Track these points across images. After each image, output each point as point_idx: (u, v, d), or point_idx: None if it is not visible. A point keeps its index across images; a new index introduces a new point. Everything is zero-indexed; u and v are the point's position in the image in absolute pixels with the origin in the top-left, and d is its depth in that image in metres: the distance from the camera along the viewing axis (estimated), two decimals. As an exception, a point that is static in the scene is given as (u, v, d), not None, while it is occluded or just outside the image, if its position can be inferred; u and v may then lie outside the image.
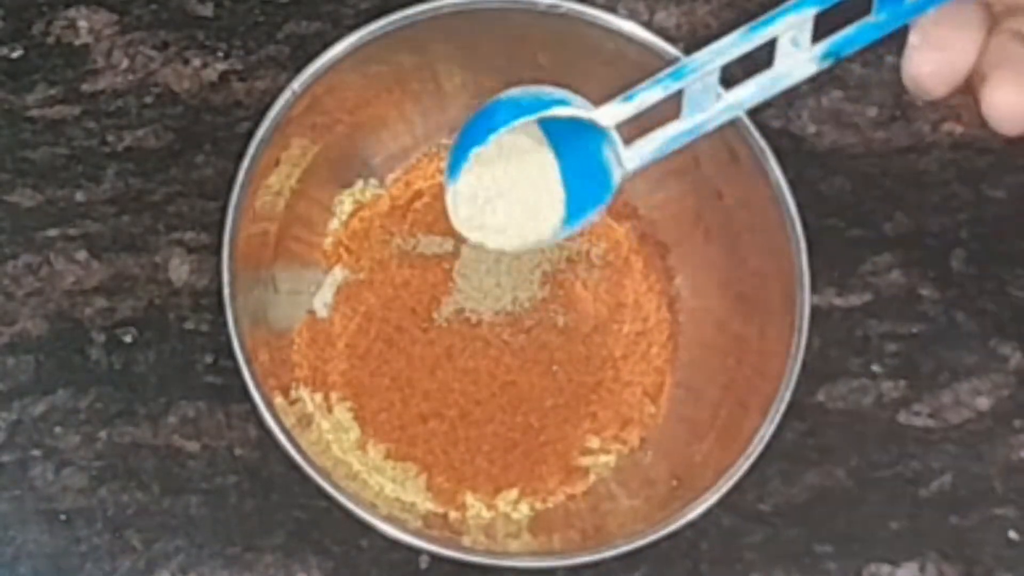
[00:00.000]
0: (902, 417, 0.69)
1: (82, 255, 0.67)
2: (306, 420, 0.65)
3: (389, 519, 0.60)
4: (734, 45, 0.52)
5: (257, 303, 0.64)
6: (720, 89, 0.53)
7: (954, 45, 0.51)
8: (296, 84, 0.61)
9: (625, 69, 0.64)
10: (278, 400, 0.63)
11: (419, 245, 0.67)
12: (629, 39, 0.63)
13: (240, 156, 0.60)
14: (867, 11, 0.52)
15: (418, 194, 0.68)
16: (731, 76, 0.70)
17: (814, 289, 0.61)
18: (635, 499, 0.65)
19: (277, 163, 0.63)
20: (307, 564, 0.65)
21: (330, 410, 0.66)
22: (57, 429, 0.66)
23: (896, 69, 0.70)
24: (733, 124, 0.62)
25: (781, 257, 0.62)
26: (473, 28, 0.64)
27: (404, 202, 0.68)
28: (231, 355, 0.59)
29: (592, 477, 0.66)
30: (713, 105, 0.53)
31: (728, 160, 0.64)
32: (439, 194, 0.67)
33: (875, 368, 0.69)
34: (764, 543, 0.67)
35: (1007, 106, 0.50)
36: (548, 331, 0.67)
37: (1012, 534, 0.68)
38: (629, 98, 0.53)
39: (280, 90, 0.61)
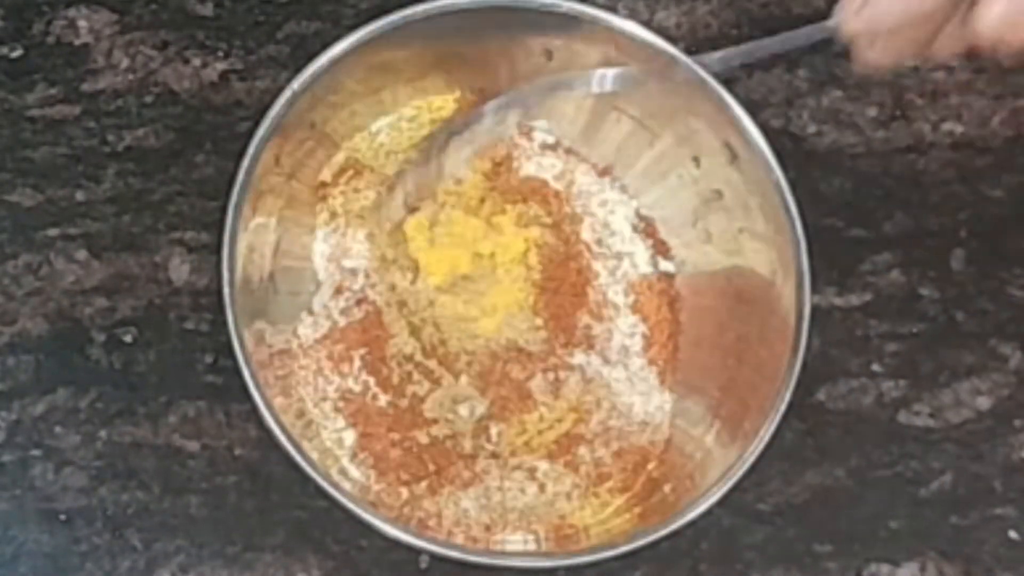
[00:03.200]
0: (902, 417, 0.69)
1: (82, 255, 0.67)
2: (306, 420, 0.65)
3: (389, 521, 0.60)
4: None
5: (257, 303, 0.64)
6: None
7: None
8: (296, 83, 0.61)
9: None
10: (278, 400, 0.63)
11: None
12: (629, 38, 0.63)
13: (240, 156, 0.60)
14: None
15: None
16: (732, 77, 0.70)
17: (814, 289, 0.61)
18: (635, 498, 0.66)
19: (277, 163, 0.63)
20: (307, 563, 0.65)
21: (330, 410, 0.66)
22: (57, 429, 0.66)
23: (895, 69, 0.71)
24: (733, 124, 0.62)
25: (781, 257, 0.62)
26: (473, 28, 0.64)
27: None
28: (231, 355, 0.59)
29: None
30: None
31: (728, 160, 0.64)
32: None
33: (875, 368, 0.69)
34: (764, 543, 0.67)
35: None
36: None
37: (1012, 534, 0.68)
38: None
39: (280, 90, 0.61)
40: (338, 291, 0.67)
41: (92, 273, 0.67)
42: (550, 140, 0.69)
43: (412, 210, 0.65)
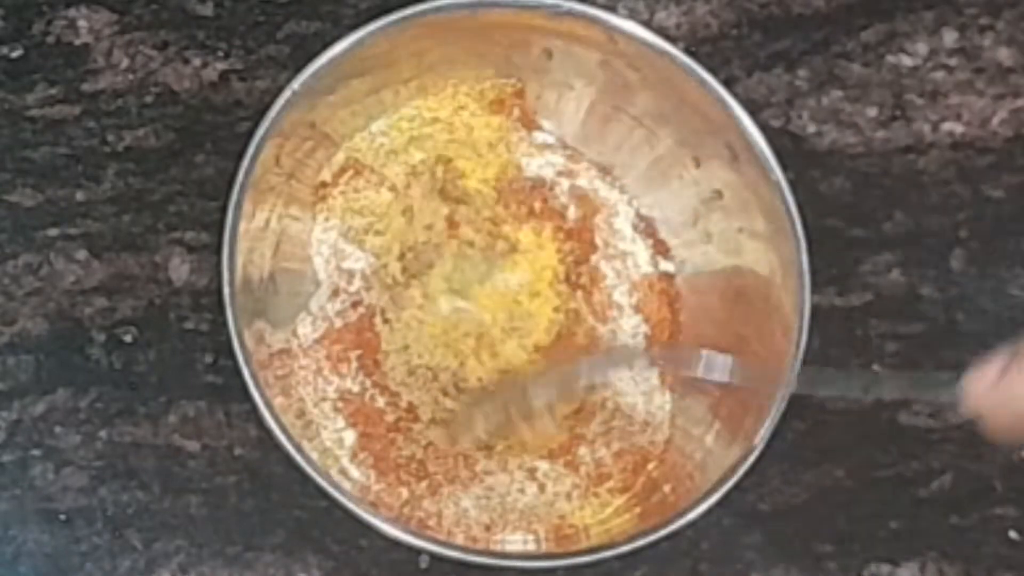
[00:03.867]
0: (902, 417, 0.69)
1: (82, 255, 0.67)
2: (306, 420, 0.65)
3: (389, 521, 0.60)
4: None
5: (257, 303, 0.64)
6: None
7: None
8: (296, 84, 0.61)
9: (625, 68, 0.64)
10: (278, 400, 0.63)
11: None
12: (629, 38, 0.63)
13: (240, 156, 0.60)
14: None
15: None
16: (732, 77, 0.70)
17: (814, 289, 0.61)
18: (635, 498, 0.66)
19: (277, 163, 0.63)
20: (307, 563, 0.65)
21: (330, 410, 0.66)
22: (57, 429, 0.66)
23: (896, 69, 0.71)
24: (733, 124, 0.62)
25: (781, 257, 0.62)
26: (473, 28, 0.64)
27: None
28: (231, 355, 0.59)
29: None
30: None
31: (728, 160, 0.64)
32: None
33: (875, 368, 0.69)
34: (764, 543, 0.67)
35: None
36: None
37: (1012, 534, 0.68)
38: None
39: (280, 90, 0.61)
40: (335, 292, 0.67)
41: (92, 273, 0.67)
42: (551, 140, 0.69)
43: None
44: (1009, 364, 0.52)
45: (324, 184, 0.67)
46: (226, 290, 0.59)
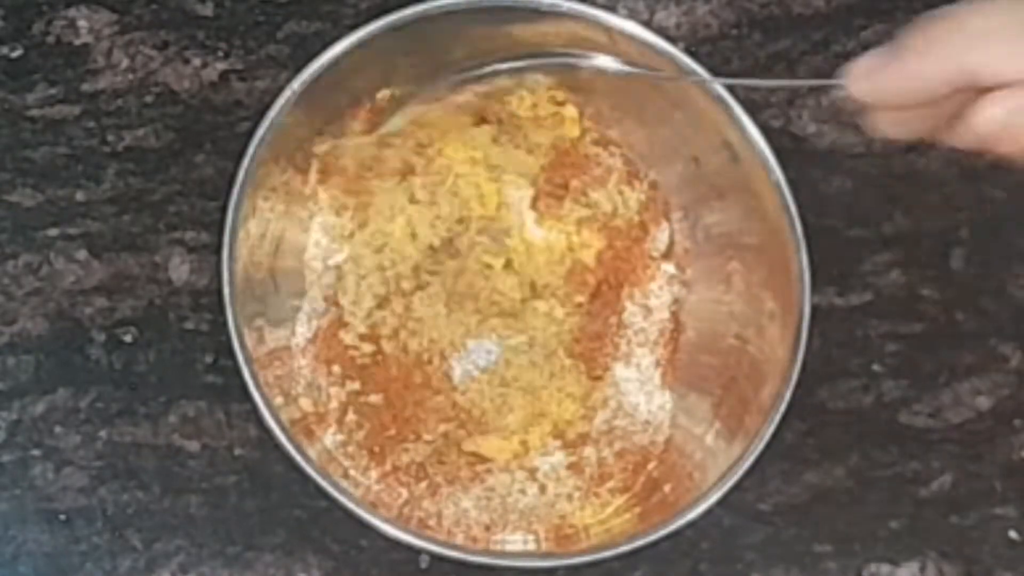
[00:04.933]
0: (902, 417, 0.69)
1: (82, 255, 0.67)
2: (305, 420, 0.65)
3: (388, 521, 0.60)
4: None
5: (257, 303, 0.64)
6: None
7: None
8: (296, 84, 0.61)
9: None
10: (278, 400, 0.63)
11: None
12: (629, 38, 0.63)
13: (240, 156, 0.60)
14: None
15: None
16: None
17: (814, 289, 0.61)
18: (635, 498, 0.66)
19: (277, 162, 0.63)
20: (307, 564, 0.65)
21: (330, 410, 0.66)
22: (57, 429, 0.66)
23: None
24: (733, 124, 0.62)
25: (781, 257, 0.62)
26: (473, 27, 0.64)
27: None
28: (231, 355, 0.59)
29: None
30: None
31: (728, 160, 0.64)
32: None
33: (875, 368, 0.69)
34: (764, 543, 0.67)
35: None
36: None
37: (1012, 534, 0.68)
38: None
39: (280, 90, 0.61)
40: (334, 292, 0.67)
41: (92, 273, 0.67)
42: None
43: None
44: (887, 53, 0.53)
45: (324, 184, 0.67)
46: (226, 290, 0.59)
